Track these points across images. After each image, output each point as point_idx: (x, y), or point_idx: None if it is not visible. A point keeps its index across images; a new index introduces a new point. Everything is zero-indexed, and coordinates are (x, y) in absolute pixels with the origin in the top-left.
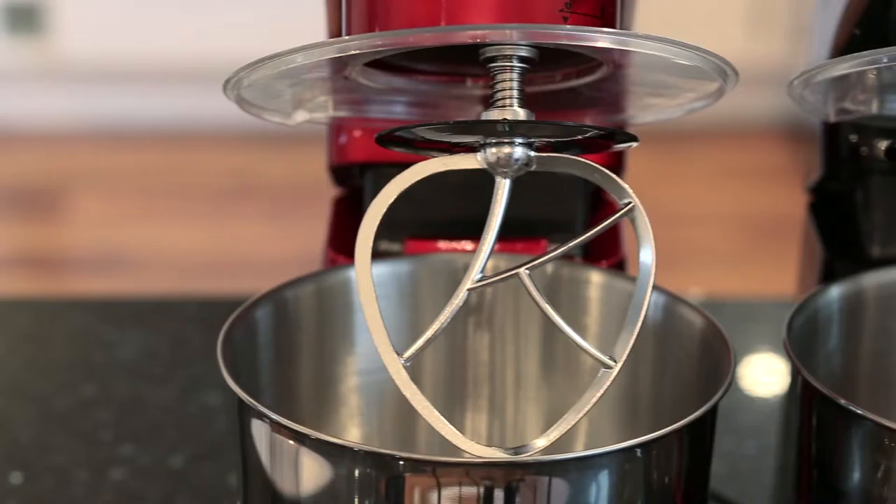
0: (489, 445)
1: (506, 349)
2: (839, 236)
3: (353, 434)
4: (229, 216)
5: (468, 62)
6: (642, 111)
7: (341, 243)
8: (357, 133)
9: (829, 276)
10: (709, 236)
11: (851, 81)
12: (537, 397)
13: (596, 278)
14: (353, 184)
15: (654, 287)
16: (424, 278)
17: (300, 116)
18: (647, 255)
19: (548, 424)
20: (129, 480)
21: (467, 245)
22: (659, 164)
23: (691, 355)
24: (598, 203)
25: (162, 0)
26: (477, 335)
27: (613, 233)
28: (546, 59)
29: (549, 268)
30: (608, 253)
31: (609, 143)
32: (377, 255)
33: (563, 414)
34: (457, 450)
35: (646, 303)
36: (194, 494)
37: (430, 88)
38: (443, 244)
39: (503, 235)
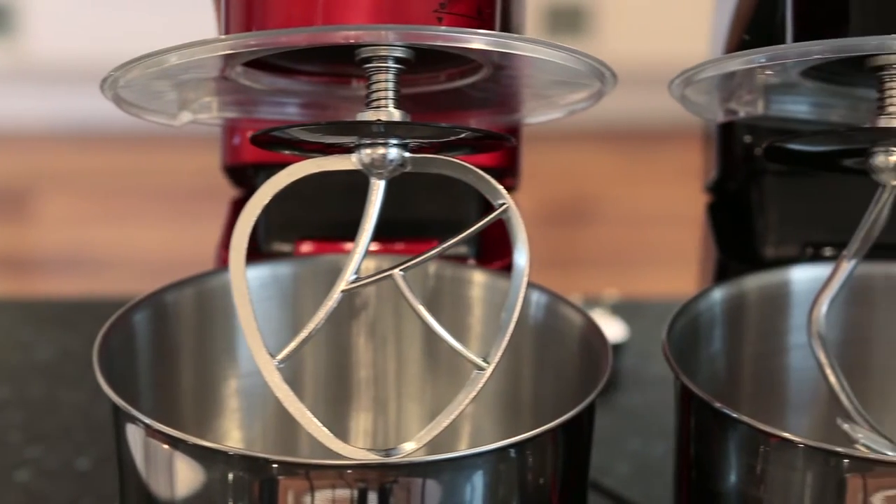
0: (373, 447)
1: (388, 349)
2: (734, 237)
3: (234, 437)
4: (196, 217)
5: (351, 63)
6: (531, 112)
7: None
8: (250, 134)
9: (723, 277)
10: (673, 236)
11: (737, 82)
12: (421, 397)
13: (479, 278)
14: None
15: (536, 287)
16: (308, 280)
17: (185, 117)
18: (520, 257)
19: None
20: (34, 482)
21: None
22: (625, 164)
23: (572, 354)
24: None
25: (131, 3)
26: (360, 336)
27: (505, 233)
28: (431, 60)
29: (433, 268)
30: (501, 254)
31: (502, 143)
32: (269, 256)
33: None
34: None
35: (518, 304)
36: (99, 497)
37: (317, 89)
38: (330, 245)
39: (402, 236)
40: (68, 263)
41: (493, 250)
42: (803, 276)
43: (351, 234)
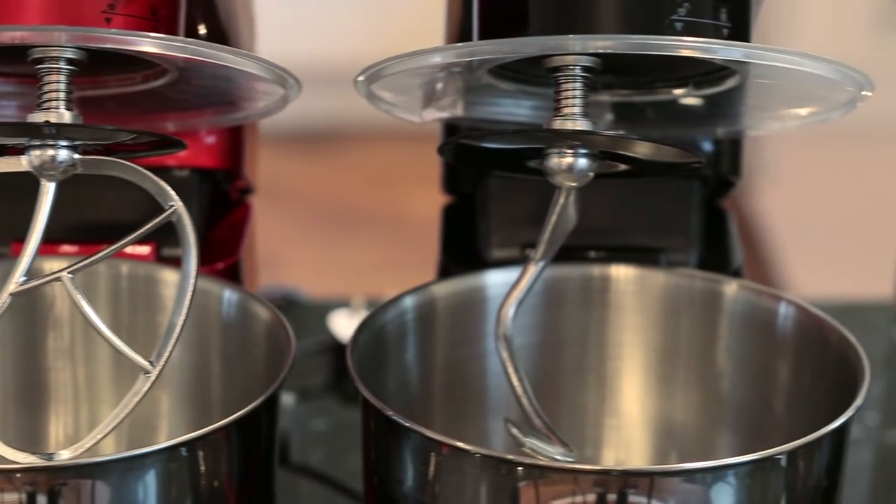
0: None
1: (76, 352)
2: (460, 239)
3: None
4: None
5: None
6: (216, 116)
7: None
8: None
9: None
10: None
11: (435, 83)
12: (112, 399)
13: (172, 278)
14: None
15: (228, 285)
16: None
17: None
18: (188, 260)
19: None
20: None
21: (67, 247)
22: None
23: (261, 350)
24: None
25: None
26: (49, 340)
27: (233, 235)
28: (122, 62)
29: (125, 268)
30: (224, 255)
31: (176, 147)
32: None
33: (140, 414)
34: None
35: (185, 306)
36: None
37: (12, 90)
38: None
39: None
40: None
41: (217, 251)
42: (497, 280)
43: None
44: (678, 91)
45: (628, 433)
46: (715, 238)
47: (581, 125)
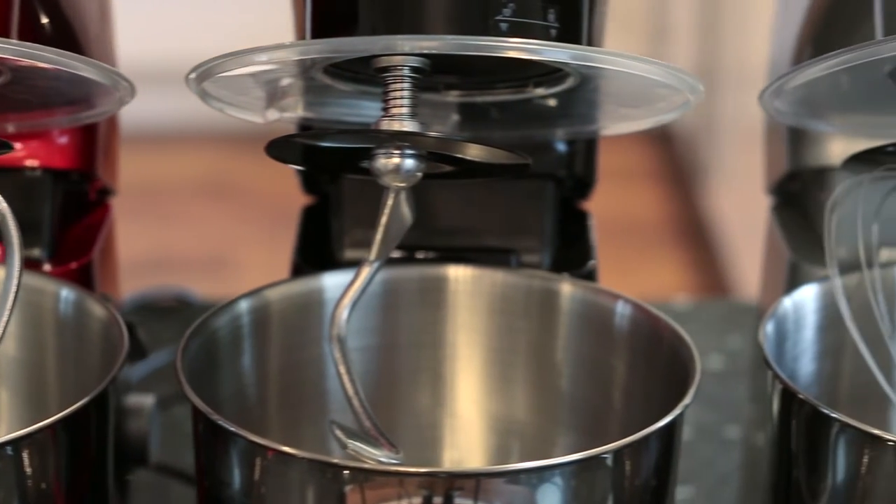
0: None
1: None
2: (317, 239)
3: None
4: None
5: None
6: (58, 116)
7: None
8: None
9: None
10: None
11: (278, 82)
12: None
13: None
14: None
15: (65, 284)
16: None
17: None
18: (12, 263)
19: None
20: None
21: None
22: None
23: (97, 348)
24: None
25: None
26: None
27: (88, 236)
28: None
29: None
30: (78, 255)
31: None
32: None
33: None
34: None
35: (7, 311)
36: None
37: None
38: None
39: None
40: None
41: (70, 252)
42: (335, 282)
43: None
44: (518, 91)
45: (467, 434)
46: (572, 239)
47: (409, 126)
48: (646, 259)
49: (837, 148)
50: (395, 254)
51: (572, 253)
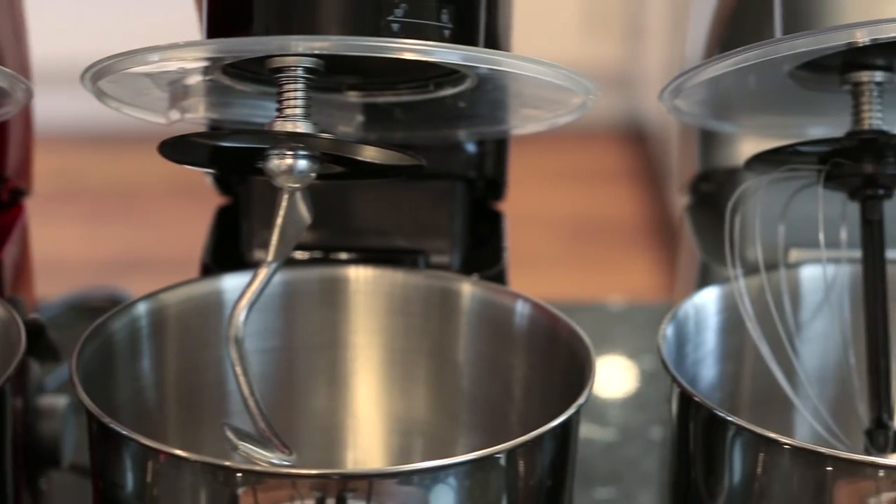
0: None
1: None
2: (228, 240)
3: None
4: (53, 218)
5: None
6: None
7: None
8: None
9: None
10: (529, 239)
11: (177, 83)
12: None
13: None
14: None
15: None
16: None
17: None
18: None
19: None
20: None
21: None
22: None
23: None
24: None
25: None
26: None
27: None
28: None
29: None
30: None
31: None
32: None
33: None
34: None
35: None
36: None
37: None
38: None
39: None
40: None
41: None
42: (234, 284)
43: None
44: (420, 92)
45: (368, 435)
46: (485, 240)
47: (302, 126)
48: (619, 259)
49: (749, 148)
50: (305, 255)
51: (483, 254)
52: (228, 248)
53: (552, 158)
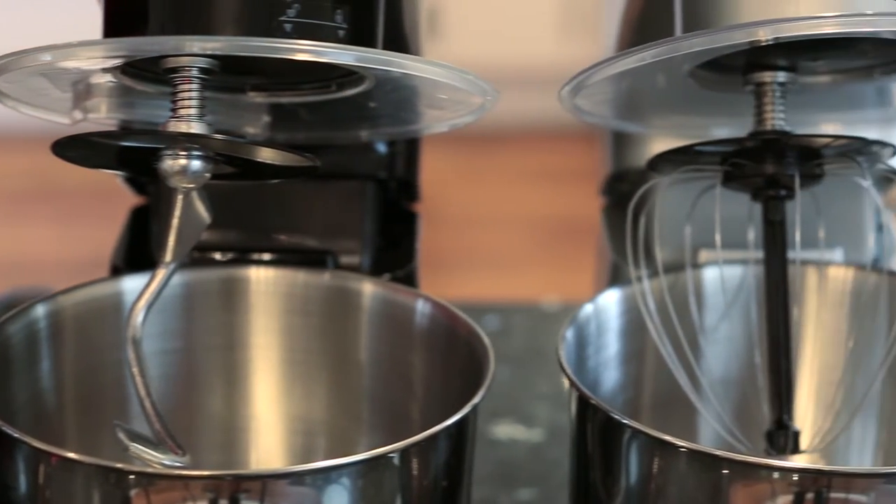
0: None
1: None
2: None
3: None
4: (26, 219)
5: None
6: None
7: None
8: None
9: None
10: (504, 239)
11: (83, 84)
12: None
13: None
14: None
15: None
16: None
17: None
18: None
19: None
20: None
21: None
22: (462, 165)
23: None
24: None
25: None
26: None
27: None
28: None
29: None
30: None
31: None
32: None
33: None
34: None
35: None
36: None
37: None
38: None
39: None
40: None
41: None
42: (134, 286)
43: None
44: (322, 92)
45: (270, 436)
46: (397, 240)
47: (196, 127)
48: (589, 258)
49: (660, 148)
50: (216, 255)
51: (395, 254)
52: (142, 250)
53: (528, 158)
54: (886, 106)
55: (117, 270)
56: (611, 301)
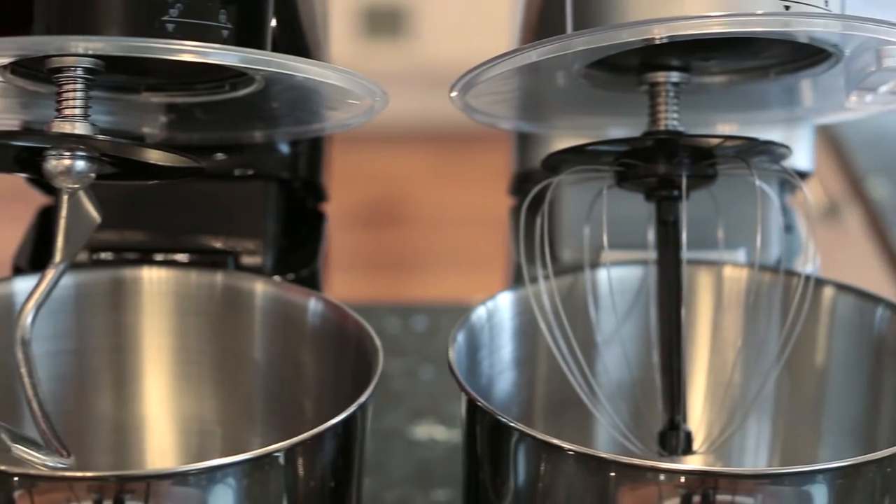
0: None
1: None
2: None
3: None
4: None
5: None
6: None
7: None
8: None
9: None
10: (477, 238)
11: None
12: None
13: None
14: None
15: None
16: None
17: None
18: None
19: None
20: None
21: None
22: (437, 165)
23: None
24: None
25: None
26: None
27: None
28: None
29: None
30: None
31: None
32: None
33: None
34: None
35: None
36: None
37: None
38: None
39: None
40: None
41: None
42: (27, 287)
43: None
44: (215, 92)
45: (161, 437)
46: (302, 241)
47: (80, 127)
48: None
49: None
50: (110, 255)
51: (298, 255)
52: (48, 250)
53: (502, 159)
54: (793, 106)
55: (19, 271)
56: (505, 303)
